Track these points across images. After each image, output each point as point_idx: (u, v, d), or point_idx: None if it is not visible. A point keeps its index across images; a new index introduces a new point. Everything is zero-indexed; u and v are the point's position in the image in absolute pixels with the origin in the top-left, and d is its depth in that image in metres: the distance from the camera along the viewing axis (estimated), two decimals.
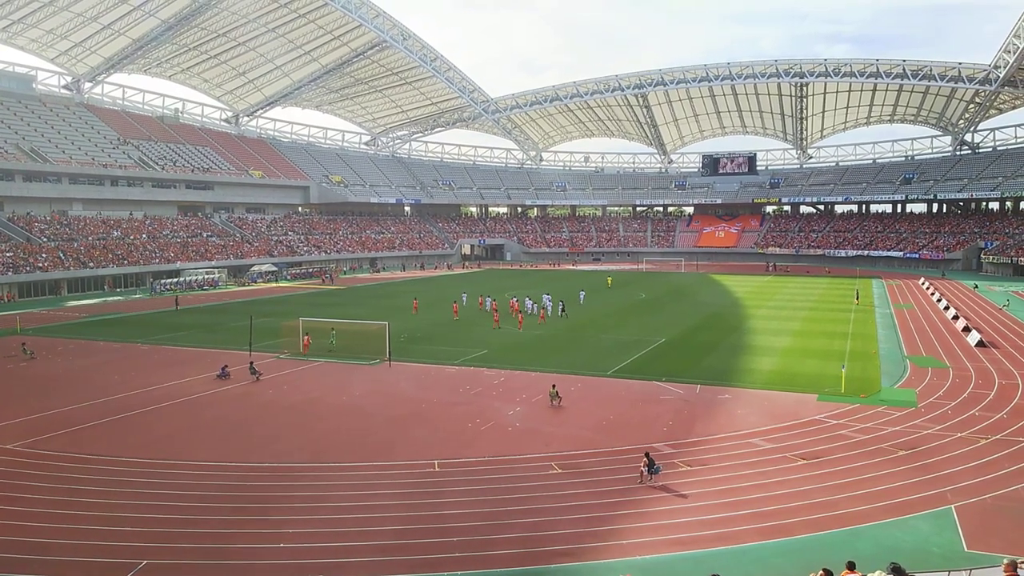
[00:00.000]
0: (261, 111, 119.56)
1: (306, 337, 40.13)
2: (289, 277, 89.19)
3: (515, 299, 57.56)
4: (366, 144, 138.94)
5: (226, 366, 33.84)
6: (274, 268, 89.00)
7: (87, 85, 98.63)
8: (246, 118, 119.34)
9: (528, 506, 18.25)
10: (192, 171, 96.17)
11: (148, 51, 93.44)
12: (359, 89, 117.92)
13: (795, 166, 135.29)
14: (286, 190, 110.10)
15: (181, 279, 77.40)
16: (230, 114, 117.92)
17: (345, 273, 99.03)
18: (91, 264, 73.58)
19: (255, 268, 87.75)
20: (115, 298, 68.76)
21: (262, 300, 66.31)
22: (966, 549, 15.72)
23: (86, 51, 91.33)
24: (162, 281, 75.35)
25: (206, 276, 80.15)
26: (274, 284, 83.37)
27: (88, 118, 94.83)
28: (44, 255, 71.07)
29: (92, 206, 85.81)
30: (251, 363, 34.08)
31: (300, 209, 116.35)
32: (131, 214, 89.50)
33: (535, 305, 55.40)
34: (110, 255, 76.81)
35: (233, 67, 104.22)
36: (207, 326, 49.88)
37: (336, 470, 21.07)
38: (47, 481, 20.24)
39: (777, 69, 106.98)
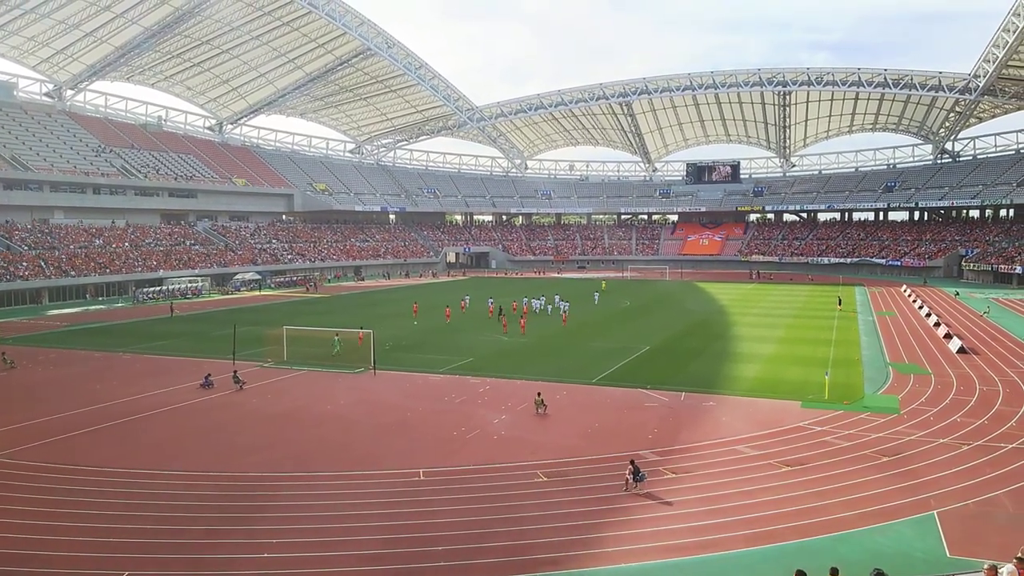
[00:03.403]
0: (245, 119, 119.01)
1: (360, 333, 42.74)
2: (273, 285, 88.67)
3: (526, 301, 60.41)
4: (351, 152, 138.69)
5: (209, 375, 33.55)
6: (258, 276, 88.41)
7: (69, 92, 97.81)
8: (230, 126, 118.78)
9: (514, 514, 18.20)
10: (175, 179, 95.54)
11: (131, 59, 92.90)
12: (344, 97, 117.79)
13: (778, 174, 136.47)
14: (270, 198, 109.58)
15: (164, 287, 76.75)
16: (213, 122, 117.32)
17: (329, 281, 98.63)
18: (72, 272, 72.81)
19: (239, 276, 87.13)
20: (97, 307, 68.06)
21: (246, 308, 65.86)
22: (949, 555, 15.84)
23: (68, 58, 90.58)
24: (144, 290, 74.66)
25: (189, 284, 79.52)
26: (258, 292, 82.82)
27: (70, 126, 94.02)
28: (25, 263, 70.24)
29: (74, 214, 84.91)
30: (235, 372, 33.82)
31: (284, 217, 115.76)
32: (113, 222, 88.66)
33: (550, 307, 59.91)
34: (92, 263, 76.03)
35: (217, 75, 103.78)
36: (190, 335, 49.45)
37: (320, 479, 20.91)
38: (27, 492, 19.95)
39: (760, 78, 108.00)
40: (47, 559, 16.01)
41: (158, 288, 76.11)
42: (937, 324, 49.91)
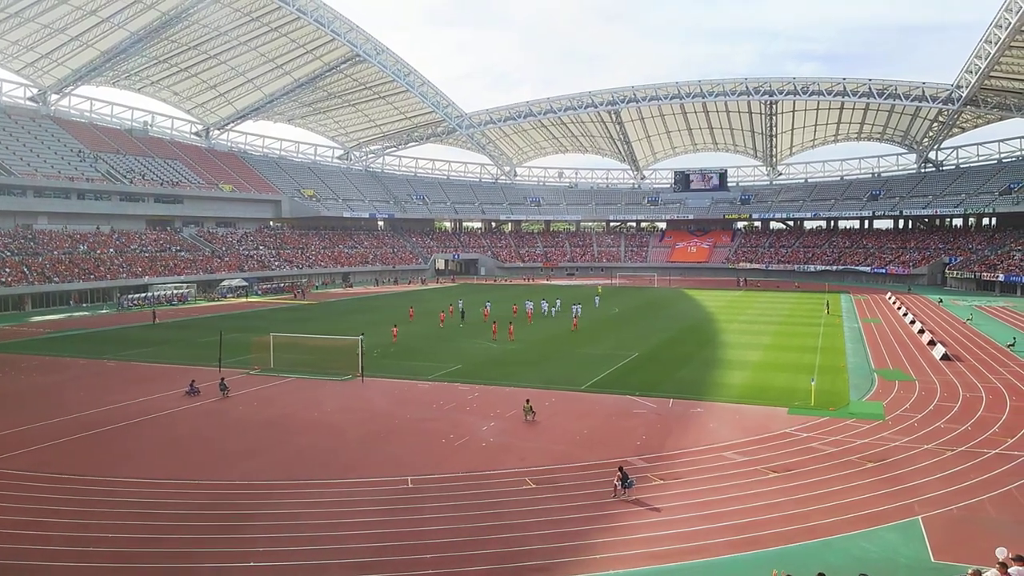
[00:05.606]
0: (232, 124, 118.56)
1: (394, 330, 48.33)
2: (260, 292, 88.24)
3: (529, 305, 61.93)
4: (339, 158, 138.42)
5: (194, 381, 33.35)
6: (244, 283, 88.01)
7: (54, 97, 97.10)
8: (217, 131, 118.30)
9: (502, 522, 18.18)
10: (161, 185, 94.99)
11: (117, 63, 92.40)
12: (332, 103, 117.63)
13: (765, 182, 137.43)
14: (257, 204, 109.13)
15: (149, 294, 76.18)
16: (200, 127, 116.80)
17: (317, 288, 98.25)
18: (56, 279, 72.17)
19: (225, 283, 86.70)
20: (81, 313, 67.46)
21: (232, 315, 65.50)
22: (933, 560, 15.97)
23: (53, 63, 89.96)
24: (130, 296, 74.09)
25: (175, 291, 78.99)
26: (244, 299, 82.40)
27: (55, 130, 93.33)
28: (7, 269, 69.57)
29: (58, 220, 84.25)
30: (221, 379, 33.60)
31: (271, 223, 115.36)
32: (98, 228, 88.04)
33: (554, 310, 63.05)
34: (76, 270, 75.42)
35: (204, 80, 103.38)
36: (176, 342, 49.12)
37: (308, 487, 20.80)
38: (10, 501, 19.73)
39: (747, 87, 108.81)
40: (29, 568, 15.85)
41: (143, 295, 75.53)
42: (921, 331, 50.35)
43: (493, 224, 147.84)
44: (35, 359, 42.25)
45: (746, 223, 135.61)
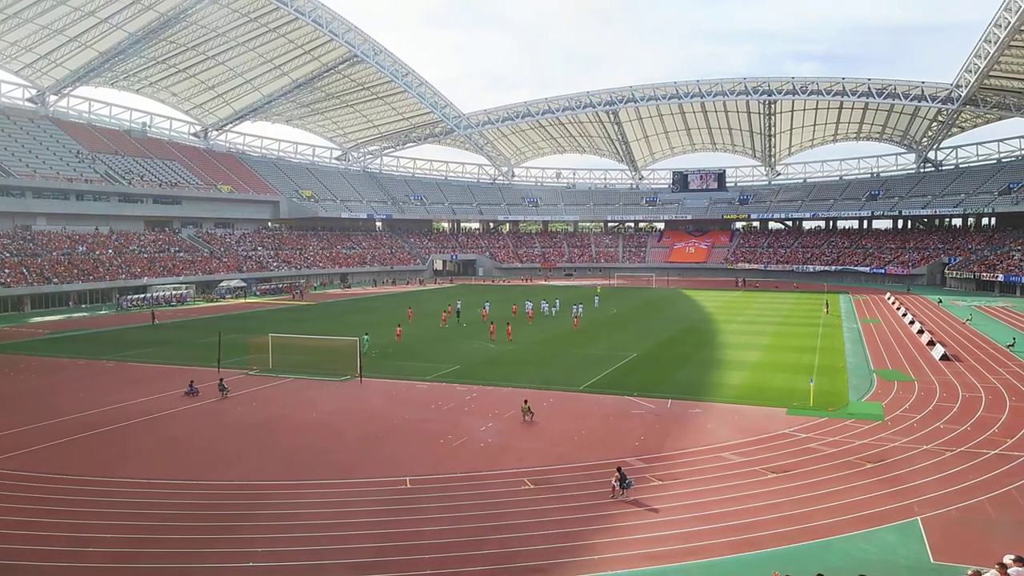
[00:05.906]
0: (230, 125, 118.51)
1: (398, 329, 49.25)
2: (258, 293, 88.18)
3: (529, 306, 62.18)
4: (337, 159, 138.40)
5: (193, 382, 33.32)
6: (243, 284, 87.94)
7: (52, 98, 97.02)
8: (215, 132, 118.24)
9: (501, 522, 18.16)
10: (159, 186, 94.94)
11: (115, 64, 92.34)
12: (330, 104, 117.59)
13: (764, 183, 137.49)
14: (255, 205, 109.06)
15: (148, 295, 76.09)
16: (199, 128, 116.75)
17: (315, 289, 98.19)
18: (55, 280, 72.09)
19: (224, 284, 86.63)
20: (80, 314, 67.38)
21: (231, 316, 65.44)
22: (932, 560, 15.95)
23: (52, 64, 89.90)
24: (128, 297, 74.01)
25: (174, 292, 78.90)
26: (243, 300, 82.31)
27: (53, 131, 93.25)
28: (6, 270, 69.48)
29: (57, 221, 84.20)
30: (220, 380, 33.57)
31: (270, 224, 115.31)
32: (97, 229, 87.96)
33: (554, 310, 63.70)
34: (75, 270, 75.33)
35: (202, 81, 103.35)
36: (175, 342, 49.07)
37: (306, 488, 20.77)
38: (9, 501, 19.69)
39: (746, 87, 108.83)
40: (27, 569, 15.81)
41: (142, 296, 75.46)
42: (920, 331, 50.34)
43: (491, 224, 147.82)
44: (34, 360, 42.18)
45: (744, 223, 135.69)
